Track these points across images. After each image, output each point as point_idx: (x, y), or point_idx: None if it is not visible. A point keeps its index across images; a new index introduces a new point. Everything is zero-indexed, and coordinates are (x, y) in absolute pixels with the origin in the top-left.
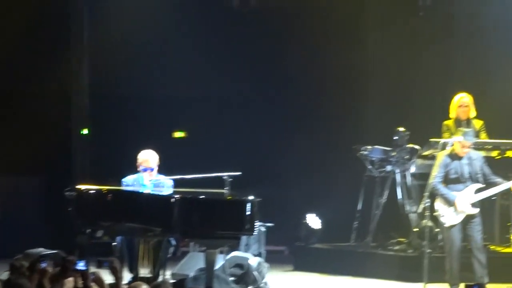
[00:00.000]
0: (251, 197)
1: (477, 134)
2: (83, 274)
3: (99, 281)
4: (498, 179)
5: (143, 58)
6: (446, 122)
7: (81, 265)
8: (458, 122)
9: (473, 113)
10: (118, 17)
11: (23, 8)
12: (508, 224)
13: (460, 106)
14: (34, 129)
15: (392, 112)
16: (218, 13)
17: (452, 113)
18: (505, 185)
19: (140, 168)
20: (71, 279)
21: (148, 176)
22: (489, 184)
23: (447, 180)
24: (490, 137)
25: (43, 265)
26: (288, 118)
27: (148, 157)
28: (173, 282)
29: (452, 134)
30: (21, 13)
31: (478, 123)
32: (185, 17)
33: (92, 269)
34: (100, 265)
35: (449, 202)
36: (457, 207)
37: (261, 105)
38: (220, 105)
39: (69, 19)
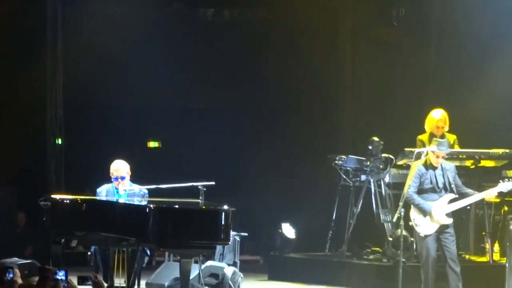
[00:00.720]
0: (225, 207)
1: (451, 147)
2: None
3: (97, 284)
4: (469, 190)
5: (117, 69)
6: (420, 137)
7: (61, 275)
8: (433, 136)
9: (447, 128)
10: (92, 28)
11: None
12: (483, 233)
13: (438, 127)
14: (8, 138)
15: (367, 122)
16: (191, 25)
17: (428, 128)
18: (478, 195)
19: (112, 178)
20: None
21: (121, 185)
22: (461, 195)
23: (422, 190)
24: (464, 148)
25: (10, 276)
26: (263, 128)
27: (119, 167)
28: None
29: (426, 144)
30: None
31: (451, 137)
32: (159, 28)
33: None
34: (82, 282)
35: (424, 212)
36: (433, 217)
37: (235, 115)
38: (194, 115)
39: (43, 30)
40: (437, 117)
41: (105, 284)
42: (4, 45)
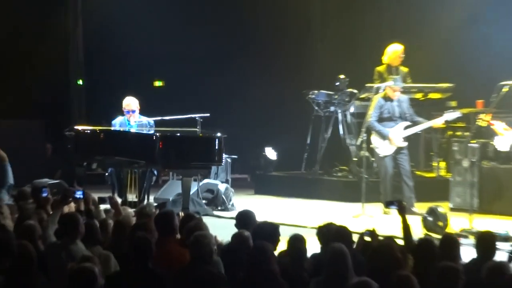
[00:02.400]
0: (218, 134)
1: (404, 80)
2: (85, 199)
3: (114, 204)
4: (420, 118)
5: (129, 21)
6: (378, 68)
7: (79, 194)
8: (389, 68)
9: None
10: None
11: None
12: (431, 153)
13: (399, 57)
14: (36, 80)
15: (335, 61)
16: None
17: (388, 60)
18: (428, 123)
19: (124, 111)
20: (71, 204)
21: (132, 117)
22: (413, 122)
23: (381, 119)
24: (414, 81)
25: (44, 194)
26: (250, 69)
27: (130, 102)
28: (156, 205)
29: (383, 79)
30: None
31: (405, 69)
32: None
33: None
34: (101, 202)
35: (383, 137)
36: (391, 140)
37: (226, 58)
38: (193, 59)
39: None
40: (398, 49)
41: (120, 201)
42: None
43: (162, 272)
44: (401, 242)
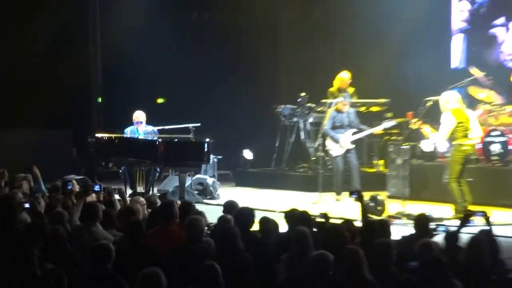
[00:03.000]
0: (207, 139)
1: (351, 97)
2: (108, 192)
3: (121, 193)
4: (364, 126)
5: (138, 50)
6: (330, 90)
7: (97, 187)
8: (339, 90)
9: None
10: (121, 24)
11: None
12: (372, 153)
13: (346, 83)
14: (64, 99)
15: (297, 82)
16: (183, 22)
17: (337, 84)
18: (370, 130)
19: (134, 122)
20: (92, 195)
21: (140, 127)
22: (359, 130)
23: (334, 127)
24: (359, 98)
25: (69, 187)
26: (233, 87)
27: (138, 114)
28: (159, 195)
29: (335, 97)
30: (53, 20)
31: (351, 90)
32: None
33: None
34: (112, 191)
35: (335, 141)
36: (341, 144)
37: (215, 79)
38: (186, 80)
39: (87, 23)
40: (346, 76)
41: (131, 192)
42: (61, 34)
43: (151, 247)
44: (355, 223)
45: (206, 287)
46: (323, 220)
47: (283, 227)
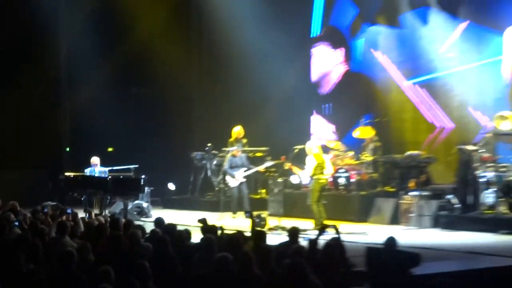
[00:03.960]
0: (143, 176)
1: (244, 146)
2: (73, 215)
3: (74, 215)
4: (252, 166)
5: (95, 114)
6: (230, 140)
7: (68, 211)
8: (236, 140)
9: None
10: (86, 95)
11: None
12: (257, 185)
13: (240, 135)
14: (45, 148)
15: (206, 135)
16: (127, 94)
17: (234, 135)
18: (256, 168)
19: (92, 164)
20: (63, 217)
21: (96, 168)
22: (248, 168)
23: (231, 167)
24: (250, 146)
25: (45, 210)
26: (160, 139)
27: (94, 159)
28: (109, 215)
29: (232, 146)
30: (35, 90)
31: (244, 140)
32: (111, 94)
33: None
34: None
35: (232, 176)
36: (236, 178)
37: (146, 133)
38: (128, 133)
39: (59, 93)
40: (238, 130)
41: (93, 212)
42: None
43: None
44: (245, 233)
45: (141, 279)
46: (224, 230)
47: (198, 236)
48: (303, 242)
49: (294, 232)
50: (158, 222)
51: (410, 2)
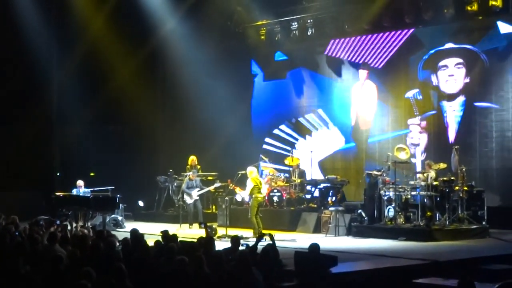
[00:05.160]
0: (118, 195)
1: (198, 171)
2: (62, 226)
3: (63, 227)
4: (204, 187)
5: (80, 148)
6: (187, 166)
7: (57, 223)
8: (192, 166)
9: (196, 162)
10: (71, 132)
11: (31, 125)
12: (209, 201)
13: (195, 162)
14: (40, 174)
15: (169, 162)
16: (105, 131)
17: (190, 162)
18: (208, 188)
19: (77, 186)
20: (53, 228)
21: (81, 189)
22: (201, 188)
23: (188, 187)
24: (202, 171)
25: (41, 222)
26: (132, 165)
27: (79, 182)
28: (91, 227)
29: (189, 171)
30: (30, 129)
31: (198, 167)
32: (93, 132)
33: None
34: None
35: (189, 195)
36: (191, 196)
37: (120, 161)
38: (105, 163)
39: (50, 134)
40: (193, 158)
41: (79, 225)
42: (36, 140)
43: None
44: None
45: (118, 278)
46: (182, 238)
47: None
48: (242, 247)
49: (237, 240)
50: (132, 232)
51: None
